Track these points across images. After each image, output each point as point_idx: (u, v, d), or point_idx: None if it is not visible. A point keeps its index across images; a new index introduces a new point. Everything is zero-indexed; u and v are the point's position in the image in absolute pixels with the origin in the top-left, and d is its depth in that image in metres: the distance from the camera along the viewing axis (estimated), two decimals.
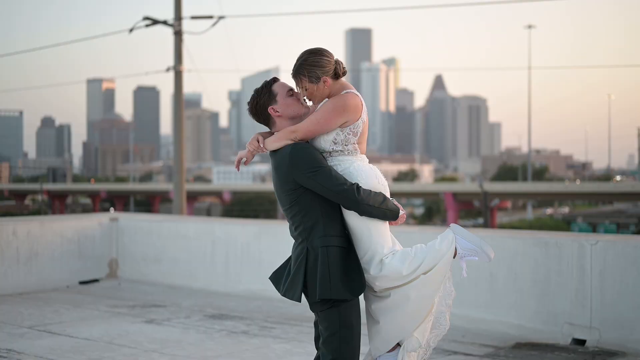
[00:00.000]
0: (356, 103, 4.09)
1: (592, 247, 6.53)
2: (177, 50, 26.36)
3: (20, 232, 9.28)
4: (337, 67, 4.11)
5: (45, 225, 9.60)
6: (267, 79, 4.22)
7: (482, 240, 4.12)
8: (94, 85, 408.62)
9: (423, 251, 4.08)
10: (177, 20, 26.24)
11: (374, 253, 4.06)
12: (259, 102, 4.16)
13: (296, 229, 4.07)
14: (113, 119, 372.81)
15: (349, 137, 4.11)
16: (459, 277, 7.05)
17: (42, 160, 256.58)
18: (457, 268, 4.44)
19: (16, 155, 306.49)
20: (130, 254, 10.14)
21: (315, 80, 4.05)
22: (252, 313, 7.93)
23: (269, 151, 4.13)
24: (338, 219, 4.07)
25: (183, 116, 26.35)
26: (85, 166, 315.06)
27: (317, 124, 4.04)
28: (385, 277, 4.03)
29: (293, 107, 4.14)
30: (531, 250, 6.87)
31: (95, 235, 10.04)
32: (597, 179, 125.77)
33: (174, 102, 26.67)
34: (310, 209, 4.02)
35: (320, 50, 4.10)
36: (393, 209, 4.11)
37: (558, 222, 77.79)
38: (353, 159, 4.15)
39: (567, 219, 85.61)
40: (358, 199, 3.97)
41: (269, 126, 4.22)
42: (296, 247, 4.09)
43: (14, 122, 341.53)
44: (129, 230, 10.17)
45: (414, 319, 4.07)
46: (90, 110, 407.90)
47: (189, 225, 9.79)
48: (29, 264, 9.31)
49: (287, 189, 4.03)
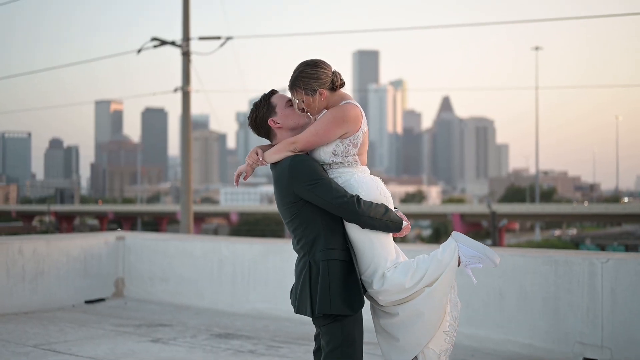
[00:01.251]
0: (356, 114, 4.04)
1: (602, 266, 6.45)
2: (185, 71, 26.43)
3: (26, 251, 9.23)
4: (335, 78, 4.06)
5: (51, 243, 9.55)
6: (265, 92, 4.19)
7: (485, 247, 4.05)
8: (102, 107, 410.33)
9: (426, 262, 4.02)
10: (185, 41, 26.34)
11: (377, 266, 4.00)
12: (258, 115, 4.14)
13: (298, 243, 4.02)
14: (121, 141, 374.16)
15: (349, 148, 4.05)
16: (468, 295, 6.99)
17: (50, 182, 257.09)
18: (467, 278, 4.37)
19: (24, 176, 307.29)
20: (136, 273, 10.08)
21: (311, 93, 4.00)
22: (259, 332, 7.85)
23: (268, 164, 4.10)
24: (340, 232, 4.01)
25: (191, 136, 26.38)
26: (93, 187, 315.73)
27: (317, 134, 3.99)
28: (388, 290, 3.97)
29: (293, 117, 4.10)
30: (541, 268, 6.78)
31: (102, 254, 9.99)
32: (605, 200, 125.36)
33: (181, 123, 26.72)
34: (311, 222, 3.96)
35: (317, 62, 4.05)
36: (396, 220, 4.05)
37: (566, 243, 77.53)
38: (353, 170, 4.09)
39: (576, 240, 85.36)
40: (359, 211, 3.91)
41: (270, 139, 4.19)
42: (299, 261, 4.05)
43: (22, 143, 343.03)
44: (136, 249, 10.11)
45: (428, 331, 4.00)
46: (98, 131, 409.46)
47: (196, 244, 9.74)
48: (34, 283, 9.25)
49: (287, 202, 3.98)
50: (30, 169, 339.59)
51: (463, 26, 59.64)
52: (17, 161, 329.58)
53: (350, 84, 61.11)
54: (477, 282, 6.73)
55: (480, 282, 6.83)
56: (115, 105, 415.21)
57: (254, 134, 4.25)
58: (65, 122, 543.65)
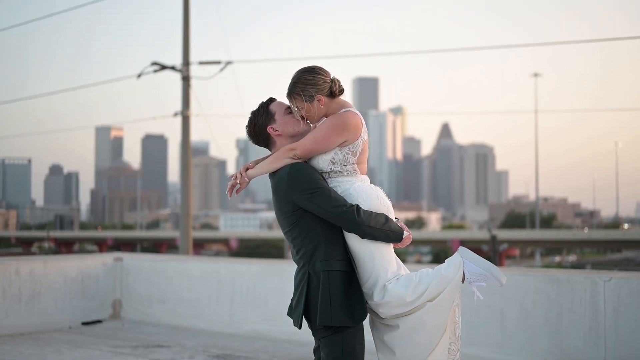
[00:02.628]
0: (356, 122, 3.97)
1: (605, 284, 6.38)
2: (185, 96, 26.49)
3: (23, 271, 9.15)
4: (333, 85, 4.00)
5: (48, 264, 9.47)
6: (263, 101, 4.14)
7: (492, 265, 3.97)
8: (102, 133, 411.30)
9: (429, 276, 3.93)
10: (185, 66, 26.42)
11: (377, 278, 3.91)
12: (257, 123, 4.07)
13: (297, 253, 3.93)
14: (121, 167, 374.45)
15: (348, 156, 3.98)
16: (468, 315, 6.91)
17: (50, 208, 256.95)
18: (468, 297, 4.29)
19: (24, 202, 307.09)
20: (134, 294, 9.99)
21: (309, 99, 3.93)
22: (257, 353, 7.76)
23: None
24: (340, 242, 3.93)
25: (190, 160, 26.37)
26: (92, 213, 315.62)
27: (315, 142, 3.92)
28: (388, 303, 3.88)
29: (292, 124, 4.03)
30: (543, 287, 6.71)
31: (99, 275, 9.90)
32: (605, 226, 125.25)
33: (181, 147, 26.73)
34: (310, 231, 3.88)
35: (314, 69, 3.99)
36: (396, 230, 3.96)
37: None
38: (353, 179, 4.01)
39: (576, 266, 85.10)
40: (358, 221, 3.83)
41: (269, 147, 4.13)
42: (298, 272, 3.96)
43: (22, 169, 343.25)
44: (134, 270, 10.03)
45: (427, 346, 3.91)
46: (99, 157, 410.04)
47: (194, 265, 9.66)
48: (31, 304, 9.16)
49: (286, 211, 3.91)
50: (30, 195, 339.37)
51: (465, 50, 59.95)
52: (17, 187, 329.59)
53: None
54: (479, 301, 6.65)
55: (480, 301, 6.75)
56: (116, 132, 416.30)
57: (252, 155, 4.18)
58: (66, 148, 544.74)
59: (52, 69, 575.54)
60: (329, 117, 4.00)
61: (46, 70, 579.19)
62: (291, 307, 4.05)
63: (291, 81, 4.00)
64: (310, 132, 3.99)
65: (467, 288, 4.03)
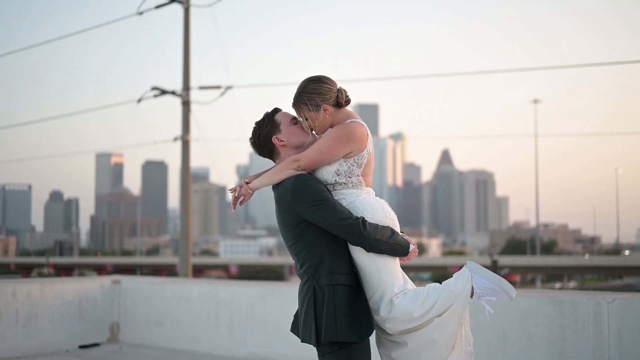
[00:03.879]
0: (362, 133, 3.89)
1: (608, 305, 6.29)
2: (185, 120, 26.49)
3: (20, 294, 9.06)
4: (340, 95, 3.93)
5: (45, 287, 9.38)
6: (268, 111, 4.07)
7: (501, 279, 3.86)
8: (102, 159, 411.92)
9: (437, 291, 3.84)
10: (185, 91, 26.44)
11: (384, 292, 3.81)
12: (261, 133, 3.99)
13: (301, 267, 3.84)
14: (121, 193, 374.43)
15: (353, 168, 3.90)
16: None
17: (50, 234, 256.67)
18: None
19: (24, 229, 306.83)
20: (132, 317, 9.89)
21: (315, 109, 3.86)
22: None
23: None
24: (346, 256, 3.83)
25: (190, 184, 26.33)
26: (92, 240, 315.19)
27: (320, 152, 3.84)
28: (395, 318, 3.79)
29: (298, 135, 3.96)
30: (545, 309, 6.62)
31: (97, 298, 9.81)
32: (606, 253, 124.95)
33: (181, 171, 26.69)
34: (315, 244, 3.79)
35: (321, 78, 3.93)
36: (403, 243, 3.87)
37: None
38: (358, 192, 3.93)
39: None
40: (364, 234, 3.74)
41: (273, 158, 4.05)
42: (302, 286, 3.86)
43: (22, 196, 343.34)
44: (132, 292, 9.94)
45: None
46: (99, 184, 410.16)
47: (193, 287, 9.57)
48: (27, 327, 9.06)
49: (290, 224, 3.82)
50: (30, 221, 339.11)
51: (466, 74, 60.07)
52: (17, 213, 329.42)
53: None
54: (479, 322, 6.57)
55: (482, 322, 6.66)
56: (116, 158, 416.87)
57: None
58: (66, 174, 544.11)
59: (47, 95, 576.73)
60: (333, 127, 3.93)
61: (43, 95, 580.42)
62: (295, 323, 3.96)
63: (297, 90, 3.93)
64: (314, 143, 3.92)
65: (473, 305, 3.94)
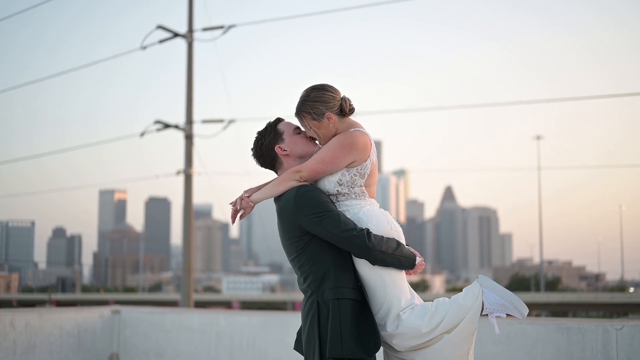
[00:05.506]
0: (365, 141, 3.79)
1: (617, 333, 6.16)
2: (188, 154, 26.50)
3: (18, 324, 8.93)
4: (343, 103, 3.83)
5: (44, 316, 9.25)
6: (270, 121, 3.98)
7: (513, 295, 3.71)
8: (106, 196, 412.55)
9: (445, 305, 3.69)
10: (188, 124, 26.47)
11: (390, 307, 3.68)
12: (264, 143, 3.88)
13: (305, 281, 3.71)
14: (124, 229, 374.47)
15: (356, 178, 3.79)
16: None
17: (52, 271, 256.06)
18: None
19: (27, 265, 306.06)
20: (131, 348, 9.74)
21: (318, 117, 3.77)
22: None
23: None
24: (350, 269, 3.71)
25: (192, 217, 26.25)
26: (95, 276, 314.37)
27: (322, 162, 3.73)
28: (403, 334, 3.65)
29: (301, 144, 3.86)
30: (553, 336, 6.48)
31: (96, 328, 9.67)
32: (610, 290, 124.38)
33: (184, 204, 26.61)
34: (318, 258, 3.66)
35: (324, 86, 3.84)
36: (409, 255, 3.74)
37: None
38: (362, 203, 3.82)
39: None
40: (369, 246, 3.61)
41: (275, 169, 3.94)
42: (305, 301, 3.71)
43: (25, 232, 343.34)
44: (131, 322, 9.80)
45: None
46: (102, 220, 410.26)
47: (193, 317, 9.43)
48: (25, 356, 8.91)
49: (292, 236, 3.70)
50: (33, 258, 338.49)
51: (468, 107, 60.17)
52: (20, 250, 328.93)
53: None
54: (483, 350, 6.44)
55: (486, 350, 6.53)
56: (119, 194, 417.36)
57: (257, 224, 3.99)
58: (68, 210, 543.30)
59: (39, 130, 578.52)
60: (335, 136, 3.82)
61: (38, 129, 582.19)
62: (299, 340, 3.84)
63: (300, 99, 3.85)
64: (316, 153, 3.82)
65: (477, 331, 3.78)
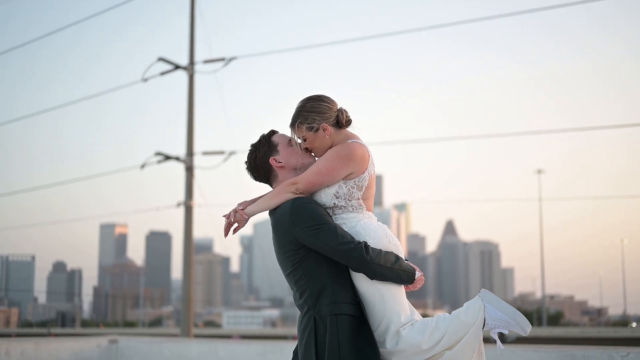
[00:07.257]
0: (363, 153, 3.69)
1: (623, 359, 6.04)
2: (188, 186, 26.39)
3: (14, 353, 8.81)
4: (340, 115, 3.74)
5: (40, 346, 9.13)
6: (264, 133, 3.90)
7: (516, 311, 3.60)
8: (106, 230, 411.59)
9: (446, 321, 3.58)
10: (189, 156, 26.41)
11: (389, 323, 3.56)
12: (258, 155, 3.79)
13: (301, 296, 3.59)
14: (124, 263, 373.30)
15: (353, 191, 3.69)
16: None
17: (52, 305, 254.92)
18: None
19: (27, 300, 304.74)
20: None
21: (313, 128, 3.68)
22: None
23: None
24: (348, 284, 3.60)
25: (192, 250, 26.11)
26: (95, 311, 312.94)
27: (319, 174, 3.63)
28: (403, 351, 3.53)
29: (297, 156, 3.76)
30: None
31: (93, 358, 9.54)
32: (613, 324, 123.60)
33: (184, 236, 26.47)
34: (315, 272, 3.55)
35: (320, 96, 3.74)
36: (408, 269, 3.63)
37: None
38: (359, 216, 3.72)
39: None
40: (367, 259, 3.50)
41: (270, 182, 3.84)
42: (302, 318, 3.61)
43: (26, 266, 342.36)
44: (129, 352, 9.67)
45: None
46: (102, 254, 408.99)
47: (192, 346, 9.32)
48: None
49: (287, 250, 3.59)
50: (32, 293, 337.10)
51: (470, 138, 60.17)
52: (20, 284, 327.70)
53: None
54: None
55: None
56: (120, 229, 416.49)
57: (258, 258, 3.87)
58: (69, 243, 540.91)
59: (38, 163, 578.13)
60: (332, 147, 3.73)
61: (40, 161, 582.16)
62: (298, 356, 3.73)
63: (295, 109, 3.74)
64: (312, 165, 3.72)
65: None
